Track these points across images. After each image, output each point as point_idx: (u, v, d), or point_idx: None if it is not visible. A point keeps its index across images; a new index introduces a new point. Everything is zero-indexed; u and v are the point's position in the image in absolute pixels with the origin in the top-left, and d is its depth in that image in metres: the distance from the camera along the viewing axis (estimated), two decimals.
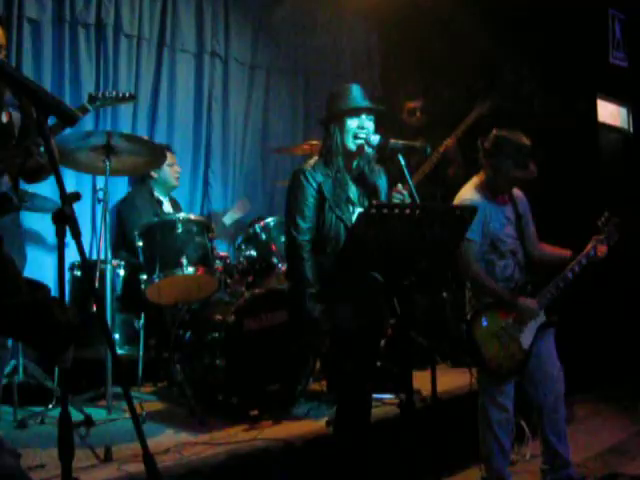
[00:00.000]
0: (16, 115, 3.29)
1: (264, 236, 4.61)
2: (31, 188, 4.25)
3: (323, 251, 3.11)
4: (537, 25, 5.74)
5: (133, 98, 4.20)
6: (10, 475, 1.91)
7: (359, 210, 3.13)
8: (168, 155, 5.08)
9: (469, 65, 5.86)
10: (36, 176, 3.37)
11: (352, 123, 3.16)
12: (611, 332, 5.71)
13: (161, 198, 5.08)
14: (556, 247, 3.88)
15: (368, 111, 3.20)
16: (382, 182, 3.30)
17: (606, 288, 5.56)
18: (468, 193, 3.71)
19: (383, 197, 3.27)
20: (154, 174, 5.01)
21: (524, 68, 5.58)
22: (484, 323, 3.60)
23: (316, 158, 3.24)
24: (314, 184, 3.12)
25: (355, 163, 3.23)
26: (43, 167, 3.24)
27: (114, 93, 4.05)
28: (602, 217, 3.76)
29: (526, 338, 3.61)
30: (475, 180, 3.76)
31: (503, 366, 3.58)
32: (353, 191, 3.20)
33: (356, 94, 3.19)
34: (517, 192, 3.85)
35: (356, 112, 3.17)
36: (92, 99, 3.93)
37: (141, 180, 5.15)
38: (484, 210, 3.61)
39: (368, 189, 3.23)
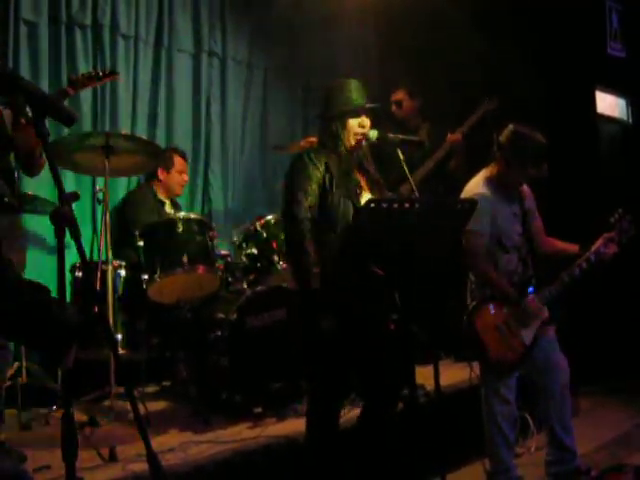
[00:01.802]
0: (7, 112, 3.27)
1: (265, 234, 4.61)
2: (31, 190, 4.27)
3: (332, 231, 3.05)
4: (534, 17, 5.73)
5: (114, 74, 4.10)
6: (8, 477, 1.92)
7: (367, 196, 3.13)
8: (180, 161, 5.10)
9: (467, 60, 5.85)
10: (30, 158, 3.34)
11: (353, 121, 3.18)
12: (616, 324, 5.70)
13: (163, 199, 5.08)
14: (564, 242, 3.85)
15: (369, 111, 3.21)
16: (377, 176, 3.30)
17: (611, 281, 5.56)
18: (477, 187, 3.67)
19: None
20: (162, 177, 5.02)
21: (520, 61, 5.57)
22: (485, 316, 3.58)
23: (313, 149, 3.24)
24: (319, 163, 3.10)
25: (354, 156, 3.22)
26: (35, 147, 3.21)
27: (93, 72, 3.98)
28: (615, 214, 3.70)
29: (527, 333, 3.59)
30: (485, 173, 3.73)
31: (504, 359, 3.57)
32: (358, 179, 3.20)
33: (356, 91, 3.19)
34: (524, 187, 3.82)
35: (358, 112, 3.18)
36: (72, 81, 3.86)
37: (145, 180, 5.16)
38: (493, 204, 3.60)
39: (370, 179, 3.23)
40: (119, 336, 4.23)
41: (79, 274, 4.29)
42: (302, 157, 3.16)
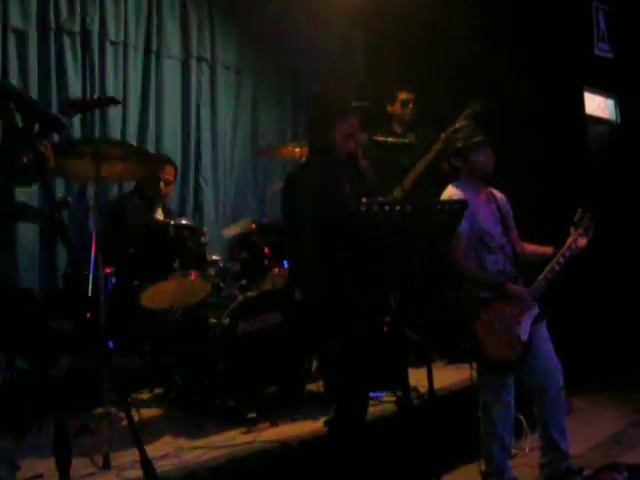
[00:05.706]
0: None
1: (257, 239, 4.61)
2: (21, 198, 4.25)
3: (330, 250, 3.05)
4: (522, 19, 5.76)
5: (116, 101, 4.07)
6: None
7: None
8: (171, 170, 4.95)
9: (455, 61, 5.87)
10: (28, 177, 3.33)
11: (343, 124, 3.17)
12: (608, 323, 5.73)
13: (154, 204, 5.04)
14: (537, 245, 3.92)
15: (358, 111, 3.21)
16: (370, 176, 3.31)
17: (602, 278, 5.59)
18: (449, 193, 3.75)
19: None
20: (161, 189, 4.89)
21: (509, 63, 5.60)
22: (481, 318, 3.59)
23: (305, 160, 3.24)
24: (310, 183, 3.11)
25: (346, 161, 3.23)
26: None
27: (96, 97, 3.92)
28: (577, 213, 3.85)
29: (523, 330, 3.61)
30: (452, 185, 3.80)
31: (504, 359, 3.58)
32: (348, 187, 3.21)
33: (342, 92, 3.20)
34: (498, 193, 3.90)
35: (347, 113, 3.18)
36: (73, 105, 3.82)
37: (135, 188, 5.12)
38: (471, 204, 3.63)
39: (360, 185, 3.24)
40: (111, 343, 4.22)
41: (70, 281, 4.27)
42: (293, 179, 3.18)
